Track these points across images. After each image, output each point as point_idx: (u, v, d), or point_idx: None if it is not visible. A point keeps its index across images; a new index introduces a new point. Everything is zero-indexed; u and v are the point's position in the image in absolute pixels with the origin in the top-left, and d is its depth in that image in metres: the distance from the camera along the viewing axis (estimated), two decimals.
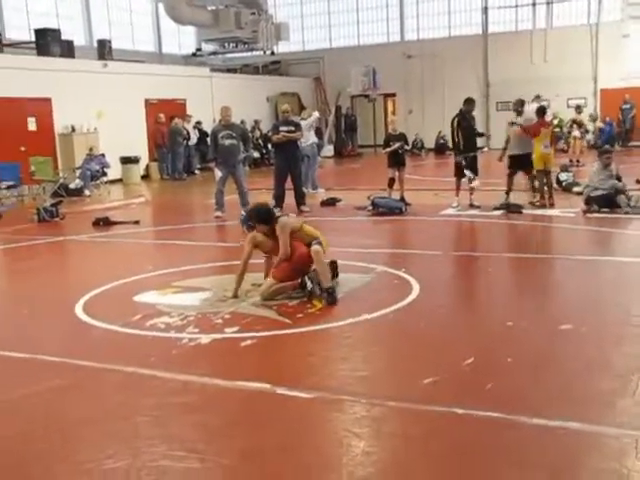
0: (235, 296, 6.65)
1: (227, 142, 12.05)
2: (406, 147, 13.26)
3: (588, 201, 11.09)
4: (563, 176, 13.84)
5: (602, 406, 4.07)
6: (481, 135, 12.84)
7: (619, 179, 11.27)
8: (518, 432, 3.80)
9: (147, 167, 21.52)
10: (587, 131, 24.43)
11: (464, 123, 11.91)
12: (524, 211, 11.42)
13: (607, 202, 10.87)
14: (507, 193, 11.91)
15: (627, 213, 10.65)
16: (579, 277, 7.41)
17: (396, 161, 12.88)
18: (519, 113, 12.24)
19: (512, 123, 12.18)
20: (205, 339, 5.50)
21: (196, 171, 21.69)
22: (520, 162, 11.98)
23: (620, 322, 5.64)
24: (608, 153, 11.60)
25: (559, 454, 3.53)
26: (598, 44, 24.26)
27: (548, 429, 3.77)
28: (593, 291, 6.76)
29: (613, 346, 5.06)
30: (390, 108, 29.54)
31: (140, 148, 21.11)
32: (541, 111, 12.20)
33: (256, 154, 23.11)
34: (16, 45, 19.82)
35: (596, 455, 3.55)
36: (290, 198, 12.66)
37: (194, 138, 21.65)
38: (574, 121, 20.06)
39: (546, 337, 5.34)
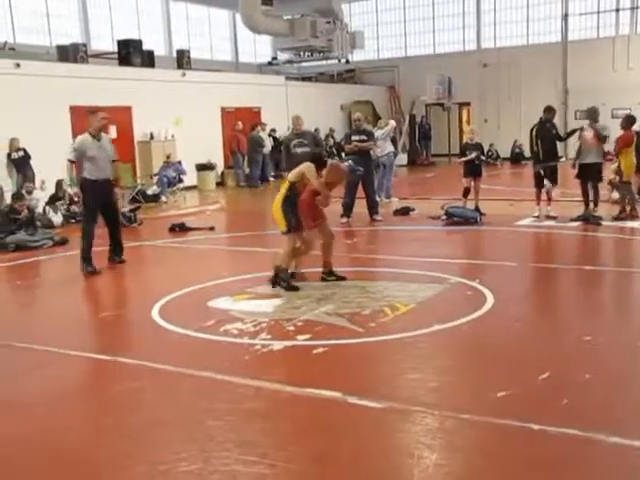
0: None
1: (299, 150, 12.13)
2: (482, 157, 13.09)
3: None
4: None
5: None
6: (570, 134, 12.42)
7: None
8: (594, 450, 3.70)
9: (222, 174, 21.89)
10: None
11: (543, 132, 11.68)
12: (604, 223, 11.10)
13: None
14: (587, 204, 11.60)
15: None
16: None
17: (472, 171, 12.72)
18: (594, 122, 11.91)
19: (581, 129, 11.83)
20: (277, 346, 5.56)
21: (270, 178, 21.93)
22: (589, 171, 11.60)
23: None
24: None
25: (637, 474, 3.42)
26: None
27: (626, 448, 3.66)
28: None
29: None
30: (465, 117, 29.23)
31: (216, 155, 21.52)
32: (630, 121, 11.85)
33: None
34: (100, 55, 20.49)
35: None
36: (363, 207, 12.65)
37: (269, 146, 21.90)
38: None
39: (624, 353, 5.19)
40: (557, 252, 10.07)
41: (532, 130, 11.85)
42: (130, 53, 19.63)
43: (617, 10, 25.53)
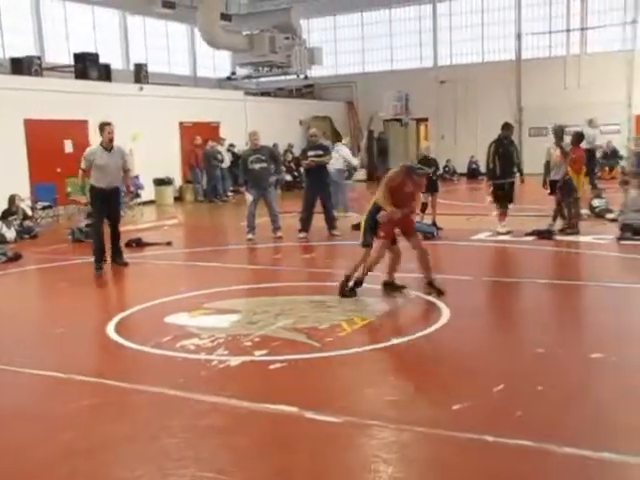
0: None
1: (257, 166, 12.18)
2: (437, 173, 13.25)
3: (623, 228, 10.97)
4: (596, 202, 13.70)
5: (631, 436, 4.01)
6: (518, 170, 12.64)
7: None
8: (547, 460, 3.76)
9: (181, 189, 21.77)
10: (620, 157, 24.29)
11: (501, 149, 11.89)
12: (556, 237, 11.32)
13: None
14: (554, 219, 11.83)
15: None
16: (611, 304, 7.32)
17: (429, 186, 12.84)
18: (560, 139, 12.19)
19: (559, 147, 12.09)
20: (234, 361, 5.54)
21: (229, 194, 21.88)
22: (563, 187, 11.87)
23: None
24: None
25: None
26: (633, 70, 24.07)
27: (578, 458, 3.73)
28: (625, 319, 6.67)
29: None
30: (422, 133, 29.57)
31: (174, 170, 21.40)
32: (579, 138, 12.17)
33: (288, 177, 23.25)
34: (55, 69, 20.26)
35: None
36: (321, 222, 12.69)
37: (227, 161, 21.86)
38: None
39: (577, 365, 5.29)
40: (512, 266, 10.24)
41: (490, 146, 12.03)
42: (86, 66, 19.44)
43: (568, 30, 26.15)
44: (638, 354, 5.49)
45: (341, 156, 15.42)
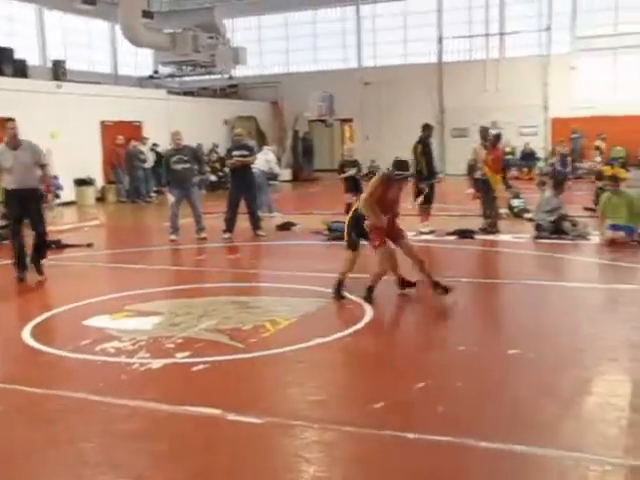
0: None
1: (179, 167, 12.04)
2: (360, 174, 13.39)
3: (538, 227, 11.31)
4: (515, 202, 14.08)
5: (547, 429, 4.13)
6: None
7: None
8: (466, 455, 3.84)
9: (103, 189, 21.30)
10: (538, 159, 25.08)
11: (426, 149, 12.07)
12: (476, 237, 11.58)
13: (555, 228, 11.12)
14: (487, 217, 12.09)
15: (573, 239, 10.90)
16: (528, 302, 7.53)
17: (353, 187, 12.96)
18: (485, 140, 12.50)
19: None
20: (156, 364, 5.44)
21: (152, 194, 21.54)
22: (485, 186, 12.18)
23: (566, 346, 5.75)
24: (563, 182, 11.92)
25: (504, 476, 3.58)
26: (548, 75, 24.88)
27: (495, 452, 3.82)
28: (541, 316, 6.87)
29: (558, 370, 5.15)
30: (347, 133, 29.81)
31: (95, 170, 20.92)
32: (497, 139, 12.53)
33: (213, 177, 23.06)
34: None
35: (539, 477, 3.61)
36: (246, 222, 12.63)
37: (150, 161, 21.51)
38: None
39: (495, 362, 5.42)
40: (433, 265, 10.37)
41: (415, 147, 12.19)
42: (1, 62, 18.80)
43: (487, 35, 26.82)
44: (553, 350, 5.65)
45: (267, 160, 15.45)
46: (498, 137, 12.74)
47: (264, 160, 15.42)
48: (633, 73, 25.21)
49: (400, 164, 7.22)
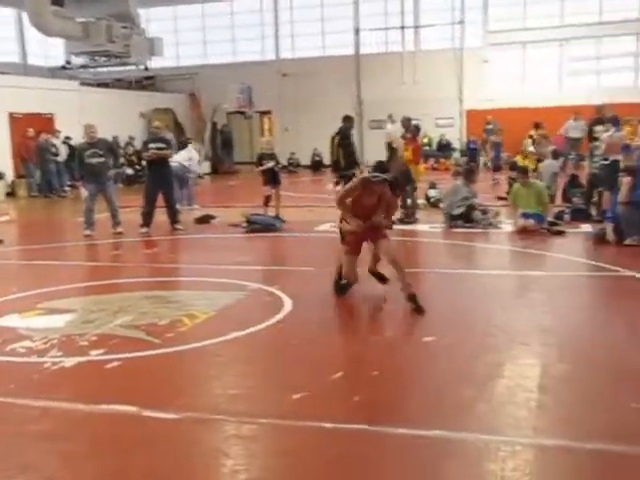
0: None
1: (94, 160, 11.75)
2: (279, 166, 13.40)
3: (447, 216, 11.57)
4: (431, 193, 14.36)
5: (460, 413, 4.24)
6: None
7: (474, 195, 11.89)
8: (384, 442, 3.90)
9: (13, 184, 20.57)
10: (453, 150, 25.65)
11: (345, 141, 12.14)
12: (394, 226, 11.72)
13: (466, 218, 11.41)
14: (403, 207, 12.26)
15: (485, 227, 11.21)
16: (443, 290, 7.70)
17: (271, 179, 12.95)
18: (407, 129, 12.72)
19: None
20: (69, 362, 5.30)
21: (66, 188, 20.96)
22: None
23: (479, 332, 5.90)
24: (473, 172, 12.21)
25: (422, 462, 3.66)
26: (462, 68, 25.43)
27: (409, 438, 3.89)
28: (456, 303, 7.03)
29: (472, 356, 5.28)
30: (266, 125, 29.73)
31: (4, 164, 20.18)
32: (417, 130, 12.79)
33: (130, 171, 22.62)
34: None
35: (454, 461, 3.70)
36: (164, 216, 12.44)
37: (63, 154, 20.91)
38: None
39: (411, 349, 5.53)
40: None
41: (333, 139, 12.25)
42: None
43: (402, 28, 27.19)
44: (467, 336, 5.79)
45: (189, 157, 15.27)
46: (418, 128, 12.97)
47: (187, 157, 15.25)
48: (541, 66, 26.12)
49: (378, 166, 6.72)
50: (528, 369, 5.02)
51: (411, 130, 12.95)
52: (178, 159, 14.77)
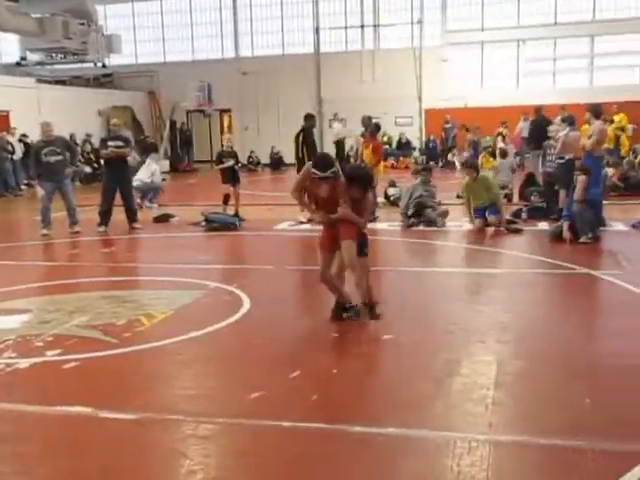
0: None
1: (52, 159, 11.57)
2: (239, 164, 13.37)
3: (406, 216, 11.65)
4: (391, 191, 14.45)
5: (418, 410, 4.28)
6: None
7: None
8: (341, 440, 3.91)
9: None
10: (413, 148, 25.85)
11: (309, 139, 12.17)
12: None
13: (418, 216, 11.52)
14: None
15: (440, 225, 11.31)
16: (401, 288, 7.75)
17: (231, 177, 12.91)
18: (367, 128, 12.78)
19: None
20: (24, 364, 5.22)
21: (22, 187, 20.59)
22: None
23: (437, 329, 5.96)
24: (431, 170, 12.35)
25: (380, 459, 3.68)
26: (421, 67, 25.61)
27: (367, 436, 3.91)
28: (415, 301, 7.10)
29: (430, 353, 5.33)
30: (226, 123, 29.59)
31: None
32: (377, 128, 12.88)
33: (87, 169, 22.31)
34: None
35: (411, 457, 3.73)
36: (122, 214, 12.31)
37: (19, 152, 20.55)
38: None
39: (370, 347, 5.56)
40: (310, 254, 10.49)
41: (297, 137, 12.25)
42: None
43: (362, 27, 27.31)
44: (425, 334, 5.85)
45: (151, 172, 15.08)
46: (378, 127, 13.04)
47: (149, 173, 15.05)
48: (499, 66, 26.46)
49: (319, 160, 6.08)
50: (485, 366, 5.08)
51: (371, 129, 13.01)
52: (140, 177, 14.63)
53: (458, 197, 14.29)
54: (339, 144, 13.44)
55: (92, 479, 3.57)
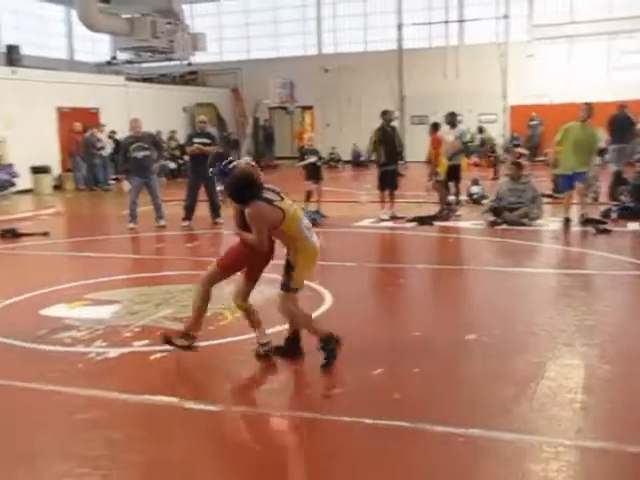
0: None
1: (140, 154, 11.89)
2: (321, 161, 13.42)
3: (493, 213, 11.43)
4: (474, 189, 14.23)
5: (501, 413, 4.21)
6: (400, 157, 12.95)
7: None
8: (422, 439, 3.89)
9: (60, 177, 20.97)
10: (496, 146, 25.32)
11: (385, 136, 12.15)
12: (435, 223, 11.68)
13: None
14: (448, 203, 12.21)
15: (527, 224, 11.05)
16: (485, 287, 7.64)
17: (313, 174, 12.97)
18: (453, 125, 12.65)
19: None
20: (113, 353, 5.40)
21: (110, 182, 21.29)
22: (455, 172, 12.53)
23: (521, 331, 5.84)
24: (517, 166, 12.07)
25: (459, 460, 3.64)
26: (507, 62, 25.06)
27: (450, 436, 3.87)
28: (498, 301, 6.97)
29: (514, 354, 5.23)
30: (307, 120, 29.76)
31: (52, 158, 20.58)
32: (434, 127, 12.75)
33: (172, 165, 22.85)
34: None
35: (493, 460, 3.67)
36: (206, 210, 12.55)
37: (108, 148, 21.23)
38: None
39: (452, 347, 5.49)
40: (393, 252, 10.49)
41: (374, 134, 12.26)
42: None
43: (446, 22, 26.96)
44: (509, 335, 5.74)
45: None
46: (434, 125, 12.94)
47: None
48: (588, 61, 25.63)
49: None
50: (571, 369, 4.96)
51: (450, 123, 12.91)
52: None
53: (543, 196, 13.94)
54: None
55: (176, 468, 3.65)
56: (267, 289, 5.98)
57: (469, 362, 5.21)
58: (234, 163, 5.55)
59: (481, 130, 23.76)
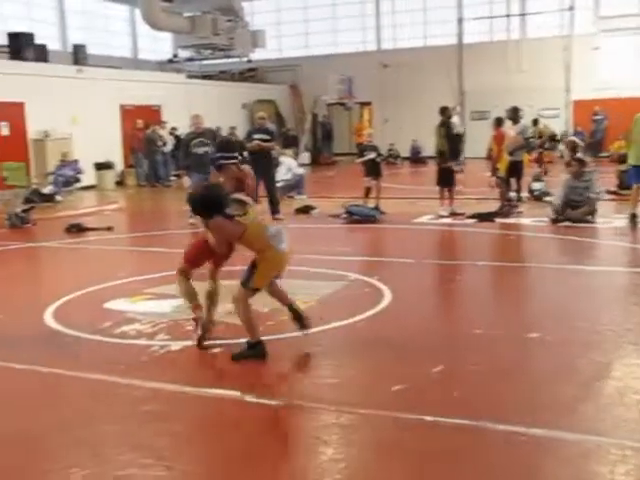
0: None
1: (201, 150, 12.02)
2: (379, 158, 13.37)
3: (557, 210, 11.18)
4: (535, 185, 13.98)
5: (565, 412, 4.12)
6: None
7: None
8: (483, 438, 3.84)
9: (122, 173, 21.41)
10: (559, 141, 24.78)
11: (448, 132, 12.07)
12: (496, 219, 11.51)
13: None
14: (508, 200, 12.04)
15: (591, 222, 10.79)
16: (548, 285, 7.49)
17: (372, 170, 12.94)
18: (515, 121, 12.46)
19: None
20: (175, 346, 5.49)
21: (171, 178, 21.62)
22: (518, 168, 12.27)
23: (586, 330, 5.71)
24: (579, 162, 11.78)
25: (522, 459, 3.58)
26: (571, 56, 24.53)
27: (512, 435, 3.81)
28: (561, 299, 6.83)
29: (578, 353, 5.12)
30: (366, 116, 29.66)
31: (115, 154, 21.03)
32: (498, 122, 12.54)
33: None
34: None
35: (557, 460, 3.59)
36: (265, 205, 12.63)
37: (169, 145, 21.57)
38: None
39: (514, 345, 5.40)
40: (452, 248, 10.39)
41: (439, 129, 12.16)
42: (21, 47, 18.90)
43: (508, 16, 26.51)
44: (573, 334, 5.62)
45: (288, 169, 15.51)
46: (498, 120, 12.69)
47: (286, 170, 15.48)
48: None
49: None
50: (638, 369, 4.83)
51: (513, 118, 12.67)
52: (280, 177, 14.94)
53: (608, 192, 13.61)
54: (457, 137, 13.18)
55: (237, 462, 3.69)
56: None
57: (531, 360, 5.12)
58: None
59: (535, 122, 23.32)
